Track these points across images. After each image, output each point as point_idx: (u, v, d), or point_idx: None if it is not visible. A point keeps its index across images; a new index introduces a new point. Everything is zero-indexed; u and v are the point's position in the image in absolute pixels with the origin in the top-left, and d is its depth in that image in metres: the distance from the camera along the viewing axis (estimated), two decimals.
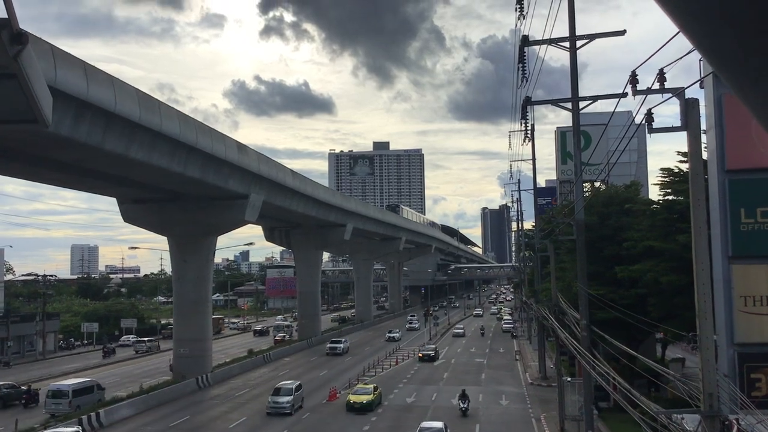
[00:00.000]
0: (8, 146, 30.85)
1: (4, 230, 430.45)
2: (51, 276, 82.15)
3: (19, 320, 68.06)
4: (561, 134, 57.67)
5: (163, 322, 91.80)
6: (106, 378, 52.60)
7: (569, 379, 32.46)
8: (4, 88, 2.53)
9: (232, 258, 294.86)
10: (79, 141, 30.02)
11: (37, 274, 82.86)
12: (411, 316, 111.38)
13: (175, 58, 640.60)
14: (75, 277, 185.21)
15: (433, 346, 64.46)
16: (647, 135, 14.02)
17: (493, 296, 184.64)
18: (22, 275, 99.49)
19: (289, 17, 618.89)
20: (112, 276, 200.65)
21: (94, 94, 29.27)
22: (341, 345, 67.40)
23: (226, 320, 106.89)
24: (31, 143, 30.43)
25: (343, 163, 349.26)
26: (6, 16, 2.53)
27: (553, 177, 68.73)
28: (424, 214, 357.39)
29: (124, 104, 31.80)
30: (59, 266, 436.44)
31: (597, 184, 48.24)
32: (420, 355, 61.02)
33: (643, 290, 32.90)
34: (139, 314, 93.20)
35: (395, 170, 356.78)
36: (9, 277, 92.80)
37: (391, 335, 79.92)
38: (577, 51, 26.64)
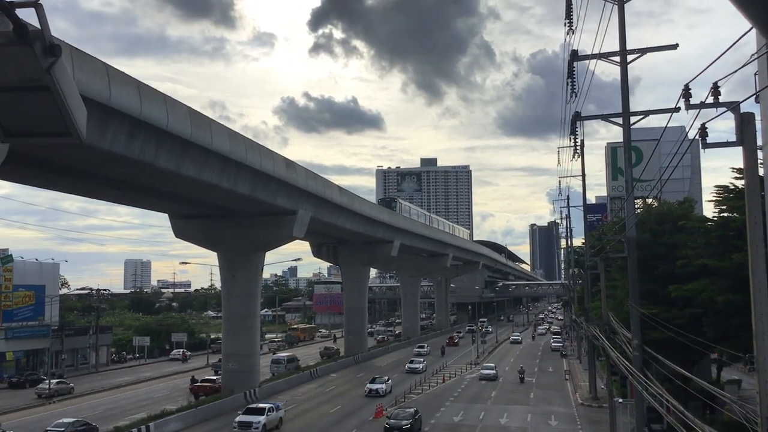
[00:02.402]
0: (65, 163, 31.79)
1: (61, 245, 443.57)
2: (105, 290, 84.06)
3: (74, 334, 69.70)
4: (612, 150, 56.78)
5: (212, 336, 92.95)
6: (156, 392, 53.49)
7: (621, 400, 31.75)
8: (38, 101, 2.62)
9: (280, 273, 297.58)
10: (133, 158, 30.73)
11: (91, 289, 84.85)
12: (457, 332, 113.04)
13: (225, 77, 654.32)
14: (128, 291, 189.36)
15: (493, 365, 63.53)
16: (701, 151, 13.68)
17: (542, 315, 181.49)
18: (77, 289, 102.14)
19: (338, 34, 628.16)
20: (163, 290, 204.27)
21: (147, 112, 29.96)
22: (383, 386, 51.25)
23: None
24: (87, 160, 31.26)
25: (391, 179, 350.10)
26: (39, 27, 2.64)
27: (604, 193, 67.55)
28: (472, 231, 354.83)
29: (176, 122, 32.47)
30: (113, 281, 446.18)
31: (649, 201, 47.30)
32: (482, 372, 60.51)
33: (698, 310, 31.98)
34: (189, 329, 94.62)
35: (443, 186, 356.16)
36: (64, 291, 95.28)
37: (412, 366, 64.98)
38: (629, 65, 26.28)
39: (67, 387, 54.10)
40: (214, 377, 53.28)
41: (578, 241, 78.44)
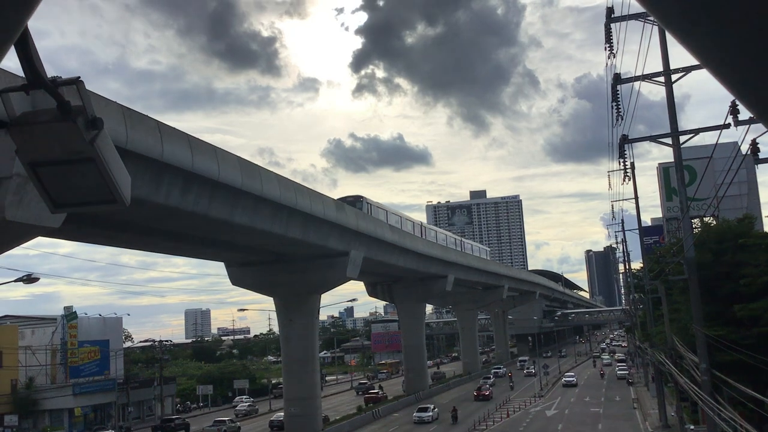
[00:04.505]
0: (122, 219, 32.73)
1: (122, 299, 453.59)
2: (167, 341, 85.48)
3: (139, 386, 70.78)
4: (663, 170, 55.88)
5: (273, 381, 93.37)
6: None
7: (693, 427, 30.71)
8: (83, 171, 2.75)
9: (336, 315, 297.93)
10: (187, 210, 31.49)
11: (153, 340, 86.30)
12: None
13: (272, 124, 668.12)
14: (189, 340, 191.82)
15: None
16: (756, 165, 13.39)
17: (604, 343, 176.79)
18: (140, 342, 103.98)
19: (380, 73, 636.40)
20: (224, 338, 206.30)
21: (199, 165, 30.74)
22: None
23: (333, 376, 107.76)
24: (143, 215, 32.13)
25: (441, 214, 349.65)
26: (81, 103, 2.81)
27: (659, 214, 66.29)
28: (525, 261, 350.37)
29: (226, 172, 33.21)
30: (174, 331, 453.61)
31: (707, 220, 46.14)
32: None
33: (766, 329, 30.90)
34: (250, 375, 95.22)
35: (494, 218, 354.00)
36: (128, 344, 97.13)
37: (420, 416, 55.91)
38: (675, 84, 25.97)
39: None
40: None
41: (636, 265, 76.59)
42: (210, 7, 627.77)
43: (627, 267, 79.42)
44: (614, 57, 29.80)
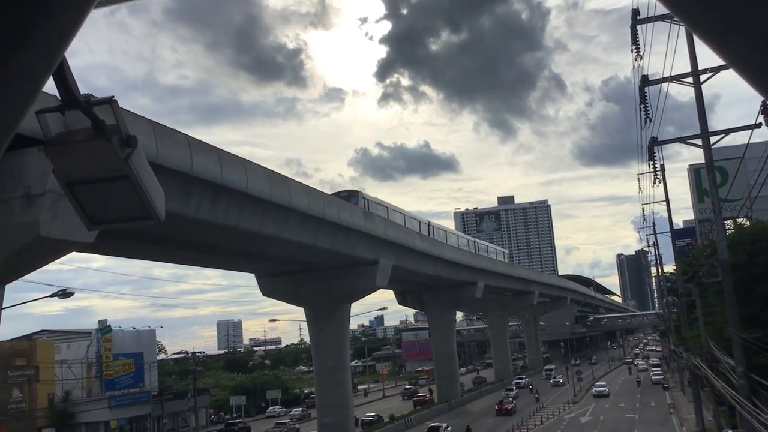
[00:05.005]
0: (153, 233, 33.15)
1: (155, 311, 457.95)
2: (200, 353, 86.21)
3: (173, 398, 71.37)
4: (695, 171, 55.16)
5: (306, 391, 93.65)
6: None
7: (731, 431, 30.17)
8: (118, 189, 2.82)
9: (367, 324, 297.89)
10: (217, 222, 31.83)
11: (186, 352, 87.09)
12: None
13: (299, 135, 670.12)
14: (222, 352, 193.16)
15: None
16: None
17: (638, 348, 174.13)
18: (174, 354, 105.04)
19: (405, 81, 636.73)
20: (255, 348, 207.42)
21: (228, 178, 31.07)
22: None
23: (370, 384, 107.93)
24: (174, 228, 32.52)
25: (470, 220, 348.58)
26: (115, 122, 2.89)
27: (691, 216, 65.37)
28: (556, 266, 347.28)
29: (255, 184, 33.51)
30: (207, 342, 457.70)
31: (740, 221, 45.43)
32: None
33: None
34: (282, 385, 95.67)
35: (522, 224, 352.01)
36: (161, 356, 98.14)
37: None
38: (704, 84, 25.69)
39: None
40: None
41: (669, 268, 75.34)
42: (236, 20, 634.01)
43: (659, 270, 78.42)
44: (641, 59, 29.60)
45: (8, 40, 2.55)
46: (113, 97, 3.19)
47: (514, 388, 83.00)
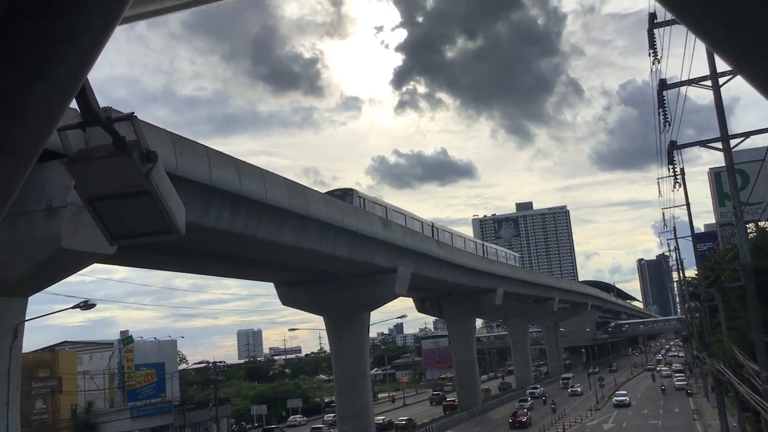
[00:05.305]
0: (173, 244, 33.36)
1: (176, 322, 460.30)
2: (221, 362, 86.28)
3: (194, 408, 71.56)
4: (715, 175, 54.59)
5: (326, 399, 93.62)
6: None
7: None
8: (139, 204, 2.86)
9: (386, 332, 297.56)
10: (236, 232, 31.99)
11: (207, 362, 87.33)
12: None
13: (315, 144, 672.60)
14: (242, 361, 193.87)
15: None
16: None
17: (660, 355, 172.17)
18: (195, 363, 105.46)
19: (422, 89, 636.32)
20: (276, 358, 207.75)
21: (246, 188, 31.25)
22: None
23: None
24: (194, 239, 32.72)
25: (488, 227, 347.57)
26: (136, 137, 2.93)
27: (712, 220, 64.62)
28: (576, 272, 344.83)
29: (273, 193, 33.65)
30: (227, 352, 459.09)
31: (762, 224, 44.90)
32: None
33: None
34: (303, 394, 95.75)
35: (541, 230, 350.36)
36: (183, 366, 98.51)
37: None
38: (723, 87, 25.47)
39: None
40: None
41: (691, 273, 74.35)
42: (253, 31, 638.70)
43: (681, 275, 77.60)
44: (659, 62, 29.36)
45: (32, 65, 2.61)
46: (133, 113, 3.24)
47: (529, 398, 79.70)
